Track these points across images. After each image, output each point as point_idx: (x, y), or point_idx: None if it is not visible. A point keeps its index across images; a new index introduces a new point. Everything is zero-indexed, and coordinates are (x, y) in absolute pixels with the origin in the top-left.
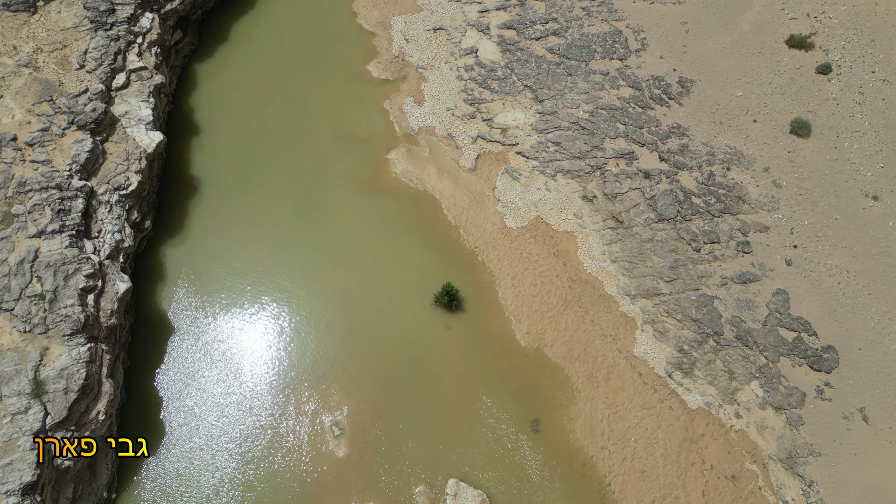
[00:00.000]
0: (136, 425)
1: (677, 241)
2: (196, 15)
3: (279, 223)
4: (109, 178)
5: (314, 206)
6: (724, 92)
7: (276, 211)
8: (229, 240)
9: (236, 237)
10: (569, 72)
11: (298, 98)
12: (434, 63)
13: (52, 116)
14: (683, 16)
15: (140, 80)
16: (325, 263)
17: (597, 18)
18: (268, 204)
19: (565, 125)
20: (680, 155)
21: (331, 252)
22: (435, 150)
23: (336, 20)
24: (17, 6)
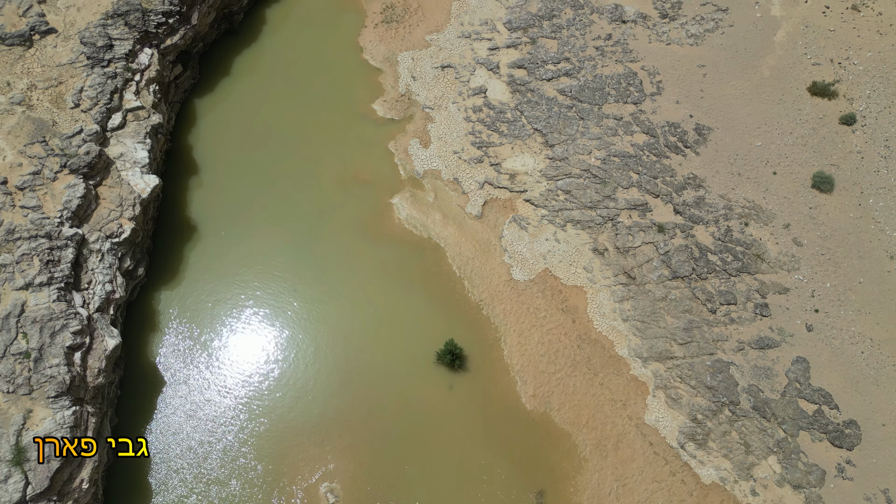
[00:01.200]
0: (123, 489)
1: (692, 301)
2: (198, 48)
3: (278, 271)
4: (102, 225)
5: (314, 254)
6: (742, 141)
7: (275, 257)
8: (225, 287)
9: (233, 284)
10: (581, 115)
11: (301, 137)
12: (441, 103)
13: (45, 159)
14: (701, 58)
15: (137, 120)
16: (323, 315)
17: (611, 59)
18: (266, 249)
19: (576, 172)
20: (696, 208)
21: (330, 302)
22: (440, 196)
23: (341, 54)
24: (12, 40)
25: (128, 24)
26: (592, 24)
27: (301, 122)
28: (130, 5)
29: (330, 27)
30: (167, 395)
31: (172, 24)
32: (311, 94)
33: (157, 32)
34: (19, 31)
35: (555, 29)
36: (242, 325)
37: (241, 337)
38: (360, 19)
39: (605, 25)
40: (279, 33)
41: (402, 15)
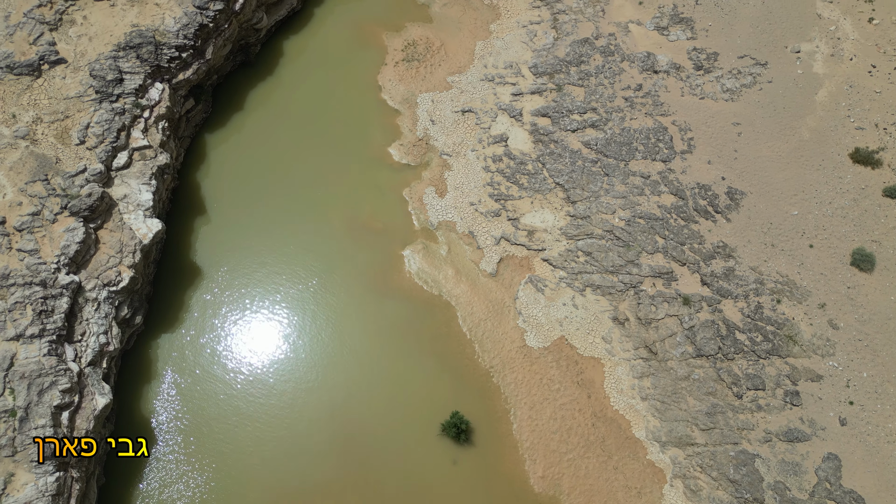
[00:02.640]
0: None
1: (717, 383)
2: (211, 80)
3: (280, 322)
4: (100, 273)
5: (320, 307)
6: (777, 209)
7: (279, 308)
8: (225, 339)
9: (232, 336)
10: (606, 171)
11: (313, 180)
12: (460, 150)
13: (45, 199)
14: (736, 115)
15: (143, 160)
16: (325, 374)
17: (640, 111)
18: (270, 300)
19: (598, 233)
20: (725, 280)
21: (333, 361)
22: (454, 250)
23: (359, 93)
24: (20, 69)
25: (140, 57)
26: (622, 72)
27: (314, 164)
28: (144, 38)
29: (349, 63)
30: (159, 451)
31: (186, 58)
32: (326, 134)
33: (169, 67)
34: (28, 60)
35: (582, 76)
36: (240, 380)
37: (238, 393)
38: (381, 56)
39: (635, 75)
40: (296, 67)
41: (423, 54)
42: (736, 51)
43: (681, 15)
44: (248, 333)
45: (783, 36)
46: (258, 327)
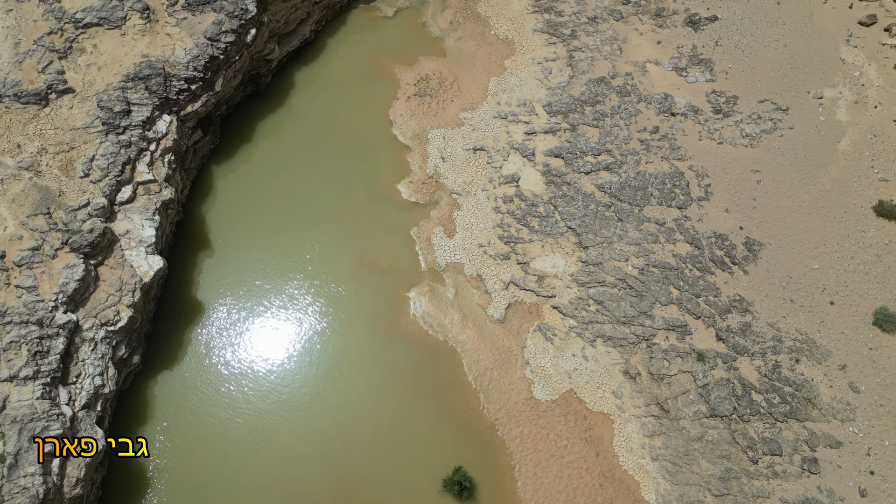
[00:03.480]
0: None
1: (731, 446)
2: (221, 111)
3: (281, 365)
4: (98, 311)
5: (322, 350)
6: (797, 262)
7: (280, 351)
8: (224, 381)
9: (232, 379)
10: (619, 216)
11: (320, 216)
12: (470, 189)
13: (46, 233)
14: (756, 162)
15: (147, 195)
16: (324, 422)
17: (656, 155)
18: (271, 341)
19: (610, 281)
20: (741, 336)
21: (333, 409)
22: (461, 293)
23: (369, 127)
24: (27, 98)
25: (148, 88)
26: (639, 113)
27: (321, 200)
28: (153, 69)
29: (360, 96)
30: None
31: (195, 90)
32: (335, 169)
33: (178, 99)
34: (36, 88)
35: (597, 116)
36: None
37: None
38: (393, 90)
39: (652, 117)
40: (306, 99)
41: (436, 89)
42: (756, 95)
43: (700, 56)
44: (248, 376)
45: (805, 81)
46: (258, 369)
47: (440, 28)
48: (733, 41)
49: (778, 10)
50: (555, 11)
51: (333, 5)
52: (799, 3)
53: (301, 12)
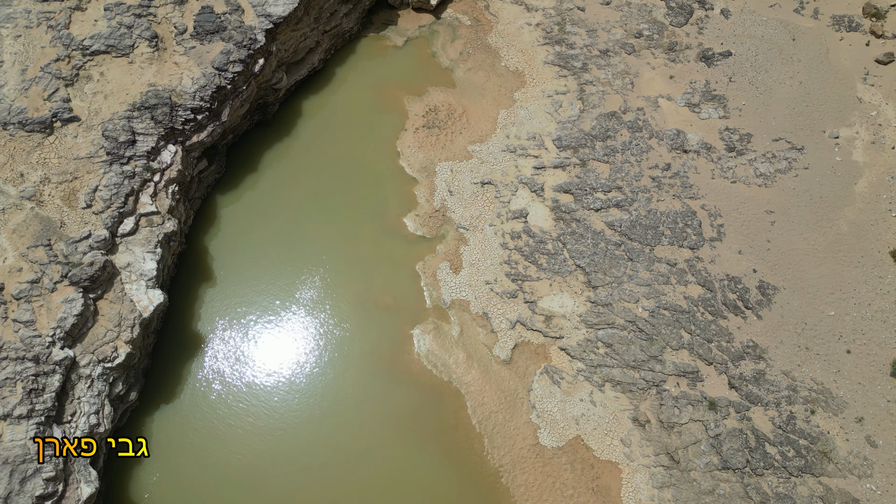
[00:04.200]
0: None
1: (744, 501)
2: (227, 140)
3: (280, 405)
4: (96, 347)
5: (322, 389)
6: (812, 308)
7: (279, 390)
8: (222, 418)
9: (230, 415)
10: (630, 256)
11: (324, 249)
12: (477, 224)
13: (46, 265)
14: (770, 203)
15: (150, 226)
16: (323, 464)
17: (668, 193)
18: (271, 379)
19: (620, 323)
20: (754, 384)
21: (332, 450)
22: (466, 332)
23: (377, 158)
24: (32, 126)
25: (154, 118)
26: (650, 150)
27: (326, 232)
28: (160, 98)
29: (369, 126)
30: None
31: (201, 120)
32: (341, 201)
33: (183, 129)
34: (41, 116)
35: (608, 152)
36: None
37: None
38: (401, 121)
39: (664, 153)
40: (314, 128)
41: (445, 120)
42: (771, 133)
43: (713, 92)
44: (247, 413)
45: (821, 119)
46: (257, 407)
47: (450, 58)
48: (747, 77)
49: (793, 47)
50: (566, 44)
51: (343, 34)
52: (815, 40)
53: (310, 41)
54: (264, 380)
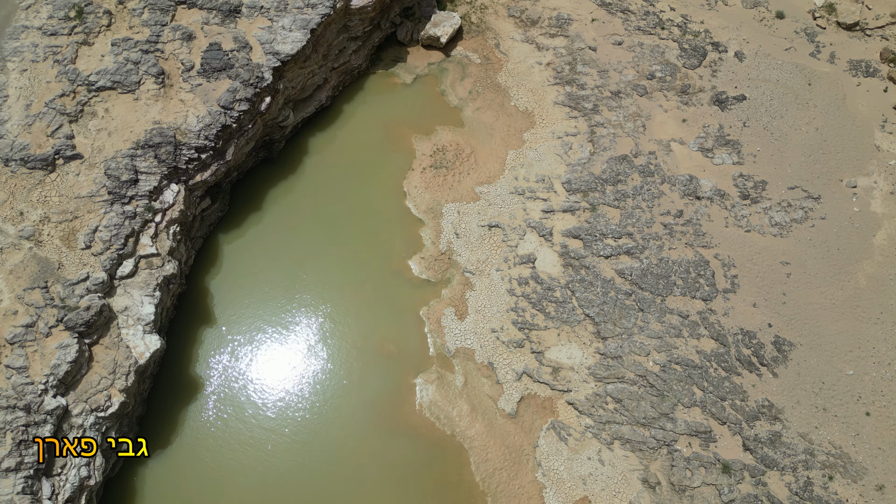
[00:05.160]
0: None
1: None
2: (231, 178)
3: (277, 457)
4: (89, 396)
5: (321, 440)
6: (830, 366)
7: (277, 441)
8: (217, 470)
9: (226, 467)
10: (640, 306)
11: (327, 291)
12: (484, 268)
13: (42, 309)
14: (785, 254)
15: (149, 269)
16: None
17: (680, 241)
18: (269, 429)
19: (630, 377)
20: (770, 447)
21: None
22: (471, 382)
23: (383, 199)
24: (34, 163)
25: (157, 157)
26: (662, 195)
27: (329, 273)
28: (164, 137)
29: (375, 166)
30: None
31: (205, 159)
32: (345, 242)
33: (187, 168)
34: (44, 153)
35: (619, 197)
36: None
37: None
38: (408, 161)
39: (676, 199)
40: (320, 166)
41: (452, 161)
42: (786, 181)
43: (727, 137)
44: (243, 466)
45: (838, 167)
46: (253, 458)
47: (459, 97)
48: (762, 122)
49: (809, 92)
50: (577, 84)
51: (351, 71)
52: (831, 85)
53: (318, 78)
54: (261, 430)
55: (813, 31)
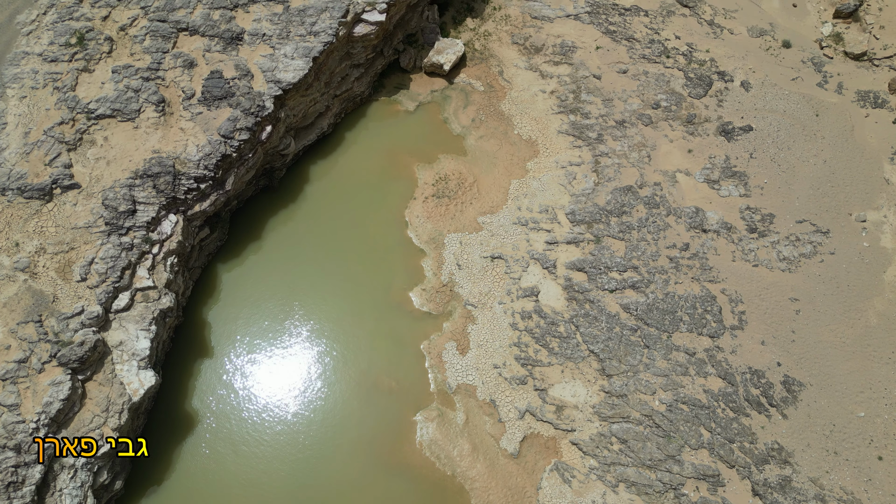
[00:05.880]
0: None
1: None
2: (230, 206)
3: (273, 499)
4: (81, 435)
5: (317, 481)
6: (841, 407)
7: (273, 480)
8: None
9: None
10: (646, 342)
11: (326, 324)
12: (486, 301)
13: (35, 343)
14: (794, 290)
15: (145, 302)
16: None
17: (686, 275)
18: (265, 468)
19: (636, 417)
20: (780, 492)
21: None
22: (472, 420)
23: (384, 228)
24: (31, 193)
25: (156, 187)
26: (668, 227)
27: (329, 306)
28: (163, 167)
29: (377, 194)
30: None
31: (204, 189)
32: (346, 273)
33: (185, 198)
34: (41, 183)
35: (624, 229)
36: None
37: None
38: (411, 189)
39: (682, 232)
40: (321, 194)
41: (455, 190)
42: (794, 214)
43: (733, 168)
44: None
45: (847, 201)
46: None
47: (462, 125)
48: (769, 154)
49: (817, 123)
50: (581, 113)
51: (354, 98)
52: (839, 117)
53: (320, 105)
54: (256, 468)
55: (820, 60)
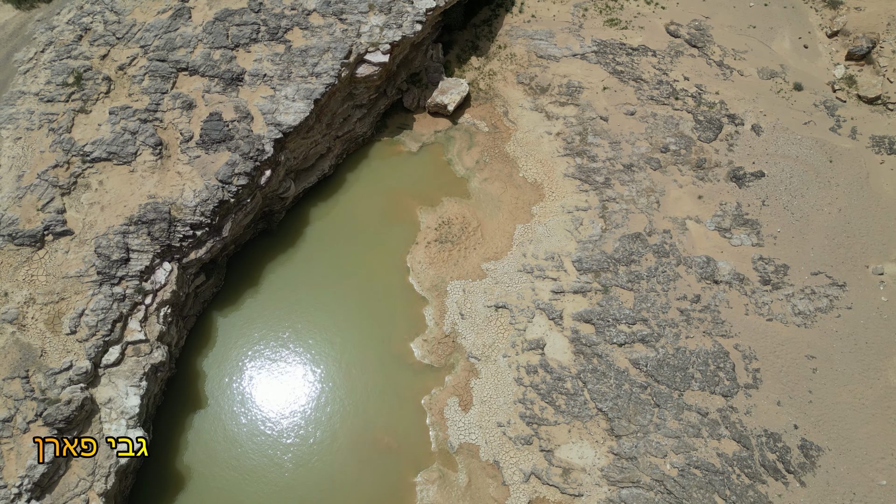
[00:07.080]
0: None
1: None
2: (228, 251)
3: None
4: (66, 500)
5: None
6: (861, 474)
7: None
8: None
9: None
10: (657, 401)
11: (323, 377)
12: (490, 353)
13: (21, 401)
14: (810, 346)
15: (136, 356)
16: None
17: (697, 329)
18: None
19: (646, 482)
20: None
21: None
22: (475, 482)
23: (385, 274)
24: (22, 239)
25: (151, 234)
26: (678, 278)
27: (327, 357)
28: (158, 213)
29: (378, 239)
30: None
31: (200, 236)
32: (344, 321)
33: (181, 246)
34: (33, 229)
35: (632, 278)
36: None
37: None
38: (413, 233)
39: (692, 283)
40: (320, 239)
41: (458, 235)
42: (809, 266)
43: (745, 216)
44: None
45: (863, 252)
46: None
47: (465, 167)
48: (782, 202)
49: (830, 170)
50: (588, 156)
51: (356, 138)
52: (853, 163)
53: (321, 147)
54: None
55: (833, 104)
